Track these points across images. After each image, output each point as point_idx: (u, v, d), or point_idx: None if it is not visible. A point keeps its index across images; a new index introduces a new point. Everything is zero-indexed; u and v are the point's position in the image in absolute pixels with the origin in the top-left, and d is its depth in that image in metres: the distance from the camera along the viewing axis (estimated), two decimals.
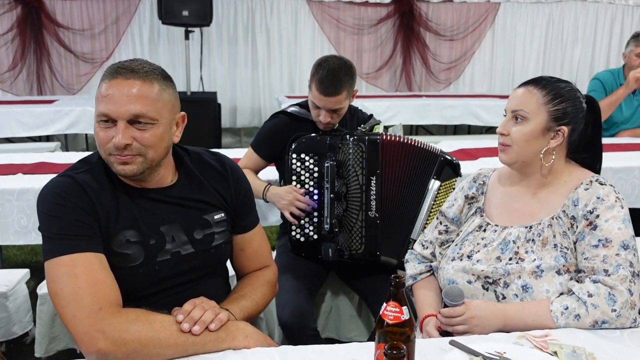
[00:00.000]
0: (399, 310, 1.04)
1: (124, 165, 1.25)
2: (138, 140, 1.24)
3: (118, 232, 1.27)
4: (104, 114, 1.23)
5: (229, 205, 1.45)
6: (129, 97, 1.22)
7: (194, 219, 1.38)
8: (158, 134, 1.27)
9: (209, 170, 1.45)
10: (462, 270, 1.46)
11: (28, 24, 5.43)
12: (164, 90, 1.28)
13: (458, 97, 5.75)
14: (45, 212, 1.25)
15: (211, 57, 5.87)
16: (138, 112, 1.23)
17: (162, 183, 1.36)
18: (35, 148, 4.31)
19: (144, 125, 1.24)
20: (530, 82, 1.47)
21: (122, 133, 1.22)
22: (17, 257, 3.53)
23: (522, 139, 1.43)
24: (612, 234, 1.33)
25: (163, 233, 1.33)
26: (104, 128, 1.24)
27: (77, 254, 1.19)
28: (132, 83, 1.23)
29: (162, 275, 1.32)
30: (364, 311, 2.20)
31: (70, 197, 1.24)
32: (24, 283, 2.16)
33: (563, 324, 1.29)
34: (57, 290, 1.17)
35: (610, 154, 2.99)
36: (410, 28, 6.14)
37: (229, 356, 1.18)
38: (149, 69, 1.27)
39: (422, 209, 1.99)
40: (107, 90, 1.23)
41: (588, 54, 6.58)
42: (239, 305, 1.35)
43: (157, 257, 1.31)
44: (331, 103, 2.02)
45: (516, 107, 1.44)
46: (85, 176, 1.29)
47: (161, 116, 1.27)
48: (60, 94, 5.60)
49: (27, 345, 2.18)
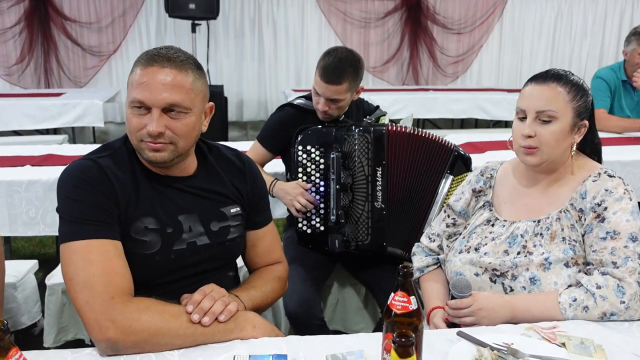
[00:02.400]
0: (407, 300, 1.04)
1: (155, 153, 1.25)
2: (171, 129, 1.24)
3: (137, 219, 1.27)
4: (139, 100, 1.22)
5: (244, 200, 1.45)
6: (165, 85, 1.21)
7: (211, 211, 1.38)
8: (190, 124, 1.27)
9: (227, 164, 1.45)
10: (469, 263, 1.46)
11: (35, 17, 5.45)
12: (197, 80, 1.28)
13: (465, 90, 5.72)
14: (66, 194, 1.24)
15: (218, 50, 5.86)
16: (173, 101, 1.22)
17: (185, 172, 1.36)
18: (43, 141, 4.32)
19: (177, 114, 1.24)
20: (549, 78, 1.40)
21: (157, 121, 1.21)
22: (26, 249, 3.56)
23: (553, 140, 1.38)
24: (620, 226, 1.32)
25: (180, 222, 1.32)
26: (137, 115, 1.24)
27: (94, 240, 1.19)
28: (168, 72, 1.23)
29: (177, 264, 1.32)
30: (370, 303, 2.20)
31: (91, 180, 1.24)
32: (33, 274, 2.17)
33: (571, 315, 1.29)
34: (72, 274, 1.17)
35: (619, 147, 2.97)
36: (418, 21, 6.10)
37: (237, 346, 1.19)
38: (184, 57, 1.27)
39: (435, 203, 1.97)
40: (142, 78, 1.22)
41: (597, 48, 6.52)
42: (249, 294, 1.35)
43: (174, 245, 1.31)
44: (330, 91, 2.01)
45: (543, 107, 1.37)
46: (108, 161, 1.29)
47: (194, 105, 1.27)
48: (67, 87, 5.62)
49: (36, 336, 2.20)
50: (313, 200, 2.00)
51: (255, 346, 1.19)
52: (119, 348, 1.13)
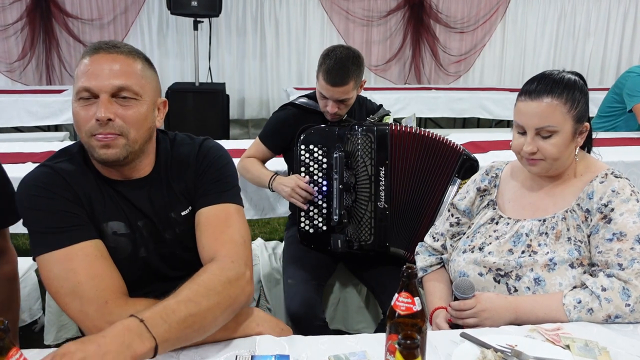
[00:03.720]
0: (411, 301, 1.03)
1: (106, 149, 1.17)
2: (121, 118, 1.17)
3: (101, 223, 1.23)
4: (85, 88, 1.16)
5: (194, 195, 1.33)
6: (112, 70, 1.17)
7: (165, 216, 1.31)
8: (142, 112, 1.20)
9: (184, 159, 1.34)
10: (473, 263, 1.45)
11: (37, 13, 5.44)
12: (147, 69, 1.24)
13: (468, 90, 5.71)
14: (27, 205, 1.19)
15: (220, 48, 5.85)
16: (122, 85, 1.17)
17: (139, 173, 1.29)
18: (44, 137, 4.32)
19: (127, 101, 1.18)
20: (543, 92, 1.35)
21: (105, 106, 1.15)
22: (27, 246, 3.56)
23: (556, 152, 1.36)
24: (626, 228, 1.31)
25: (141, 227, 1.28)
26: (85, 106, 1.17)
27: (71, 246, 1.15)
28: (115, 57, 1.18)
29: (153, 267, 1.30)
30: (371, 303, 2.19)
31: (51, 187, 1.19)
32: (33, 271, 2.16)
33: (575, 317, 1.28)
34: (57, 288, 1.13)
35: (622, 148, 2.96)
36: (420, 20, 6.09)
37: (240, 345, 1.18)
38: (132, 48, 1.24)
39: (443, 204, 1.95)
40: (88, 66, 1.17)
41: (600, 47, 6.50)
42: (164, 322, 1.06)
43: (140, 252, 1.28)
44: (338, 93, 2.01)
45: (542, 124, 1.35)
46: (65, 165, 1.24)
47: (145, 93, 1.21)
48: (69, 83, 5.60)
49: (36, 333, 2.19)
50: (311, 190, 1.99)
51: (257, 346, 1.18)
52: None
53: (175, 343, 1.06)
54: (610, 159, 2.60)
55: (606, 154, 1.55)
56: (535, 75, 1.42)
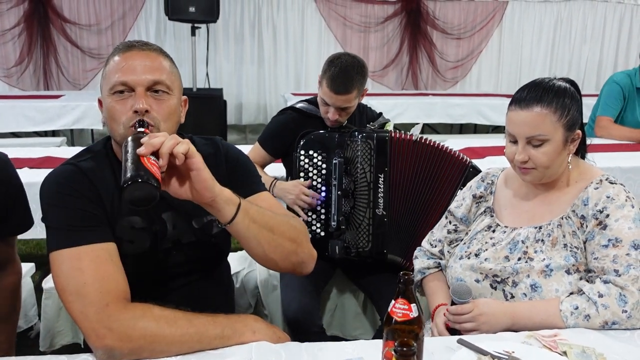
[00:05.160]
0: (407, 308, 1.03)
1: None
2: (154, 110, 1.23)
3: (121, 218, 1.25)
4: (122, 82, 1.21)
5: (223, 183, 1.32)
6: (146, 66, 1.24)
7: (192, 206, 1.28)
8: (173, 106, 1.27)
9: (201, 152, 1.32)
10: (470, 269, 1.45)
11: (35, 18, 5.44)
12: (173, 66, 1.32)
13: (465, 95, 5.73)
14: (49, 202, 1.22)
15: (217, 53, 5.86)
16: (156, 79, 1.24)
17: None
18: (41, 143, 4.32)
19: (160, 95, 1.25)
20: (532, 102, 1.36)
21: (144, 98, 1.21)
22: (22, 251, 3.54)
23: (548, 160, 1.37)
24: (622, 234, 1.31)
25: (164, 220, 1.30)
26: (120, 100, 1.23)
27: (83, 246, 1.17)
28: (148, 54, 1.26)
29: (165, 263, 1.30)
30: (369, 309, 2.19)
31: (73, 185, 1.22)
32: (29, 277, 2.15)
33: (572, 323, 1.28)
34: (64, 285, 1.15)
35: (619, 154, 2.97)
36: (417, 26, 6.11)
37: (236, 352, 1.17)
38: (158, 47, 1.32)
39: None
40: (122, 62, 1.23)
41: (596, 53, 6.53)
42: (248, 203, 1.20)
43: (161, 245, 1.29)
44: (341, 101, 2.01)
45: (532, 133, 1.36)
46: (88, 163, 1.28)
47: (175, 87, 1.29)
48: (66, 89, 5.60)
49: (32, 340, 2.18)
50: (313, 195, 1.99)
51: (254, 353, 1.17)
52: (116, 355, 1.12)
53: (250, 224, 1.17)
54: (607, 164, 2.61)
55: (603, 159, 1.56)
56: (526, 83, 1.43)
